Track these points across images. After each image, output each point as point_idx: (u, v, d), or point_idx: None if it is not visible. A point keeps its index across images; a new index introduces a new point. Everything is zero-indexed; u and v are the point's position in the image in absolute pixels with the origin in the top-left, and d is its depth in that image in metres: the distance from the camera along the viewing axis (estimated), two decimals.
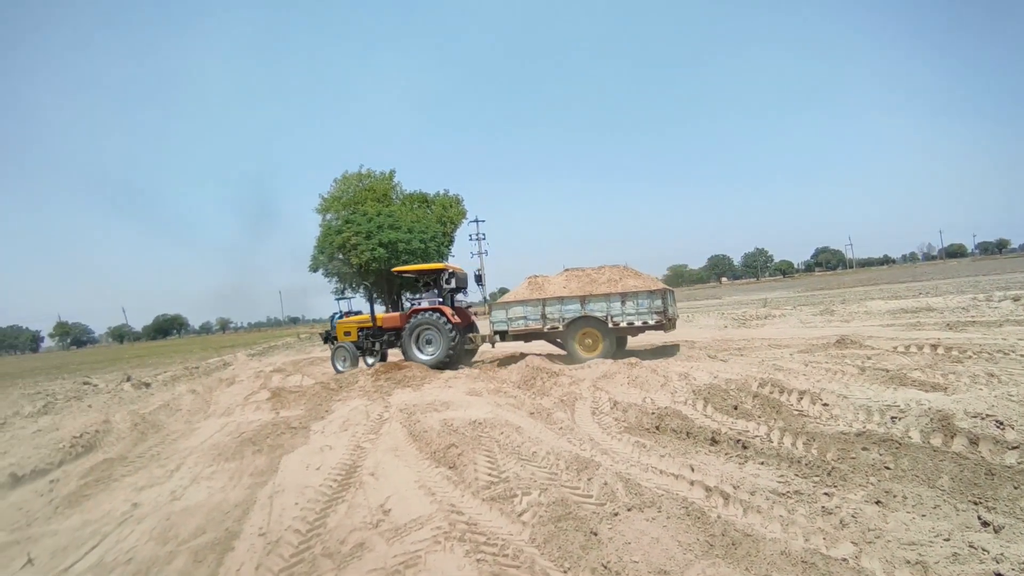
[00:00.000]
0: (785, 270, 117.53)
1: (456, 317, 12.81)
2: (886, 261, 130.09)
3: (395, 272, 14.23)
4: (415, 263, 39.92)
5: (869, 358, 8.77)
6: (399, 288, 46.59)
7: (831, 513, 3.83)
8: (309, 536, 4.07)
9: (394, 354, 14.31)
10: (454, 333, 12.42)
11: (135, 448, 7.61)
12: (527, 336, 12.53)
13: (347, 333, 14.21)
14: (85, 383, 17.87)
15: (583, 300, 11.70)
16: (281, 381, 13.45)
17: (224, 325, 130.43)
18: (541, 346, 13.31)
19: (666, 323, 11.08)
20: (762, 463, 4.90)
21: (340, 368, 13.58)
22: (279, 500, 4.90)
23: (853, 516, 3.74)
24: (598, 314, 11.53)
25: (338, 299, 17.92)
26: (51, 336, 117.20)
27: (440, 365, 12.33)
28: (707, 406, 6.69)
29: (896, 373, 7.42)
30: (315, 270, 44.07)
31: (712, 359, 9.98)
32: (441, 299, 13.43)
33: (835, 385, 7.05)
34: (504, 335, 12.73)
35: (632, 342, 14.08)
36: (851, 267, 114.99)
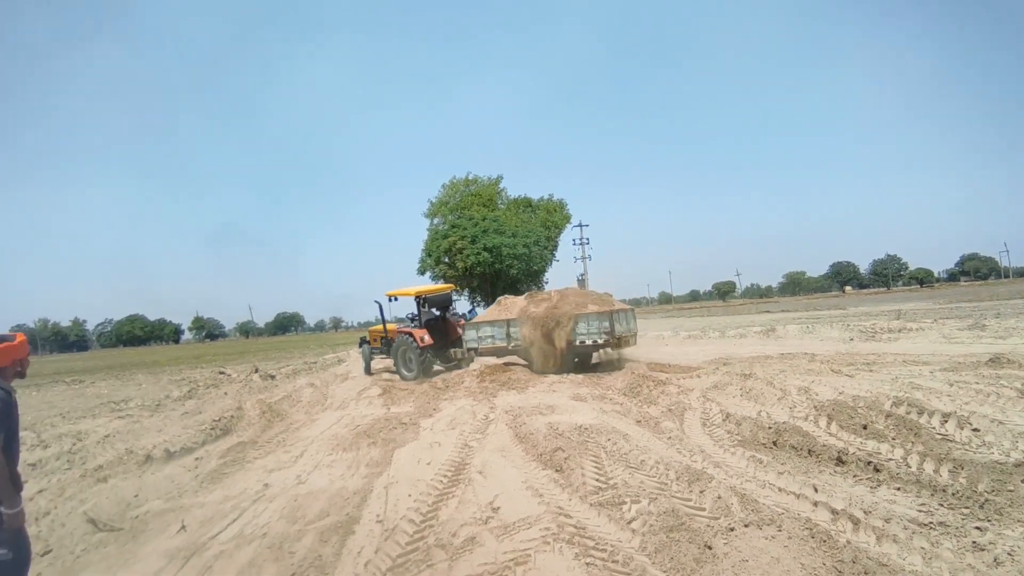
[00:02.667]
0: (923, 279, 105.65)
1: (428, 338, 14.00)
2: None
3: (387, 295, 15.51)
4: (519, 267, 40.45)
5: None
6: (502, 291, 47.46)
7: (983, 549, 3.42)
8: (423, 527, 4.24)
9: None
10: (422, 354, 13.76)
11: (264, 434, 8.31)
12: (496, 353, 13.48)
13: (374, 339, 15.71)
14: (220, 373, 19.77)
15: (540, 322, 12.23)
16: (391, 378, 14.14)
17: (337, 324, 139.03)
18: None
19: (613, 341, 11.66)
20: (898, 489, 4.48)
21: (366, 369, 15.71)
22: (394, 491, 5.15)
23: (1010, 554, 3.33)
24: (559, 331, 11.97)
25: None
26: (189, 329, 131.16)
27: (424, 378, 13.50)
28: (831, 423, 6.21)
29: None
30: (422, 273, 45.77)
31: (836, 373, 9.24)
32: (417, 322, 14.91)
33: (988, 408, 6.29)
34: (476, 352, 13.78)
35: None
36: (1007, 276, 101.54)
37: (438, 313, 15.67)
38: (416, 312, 15.18)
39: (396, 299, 15.64)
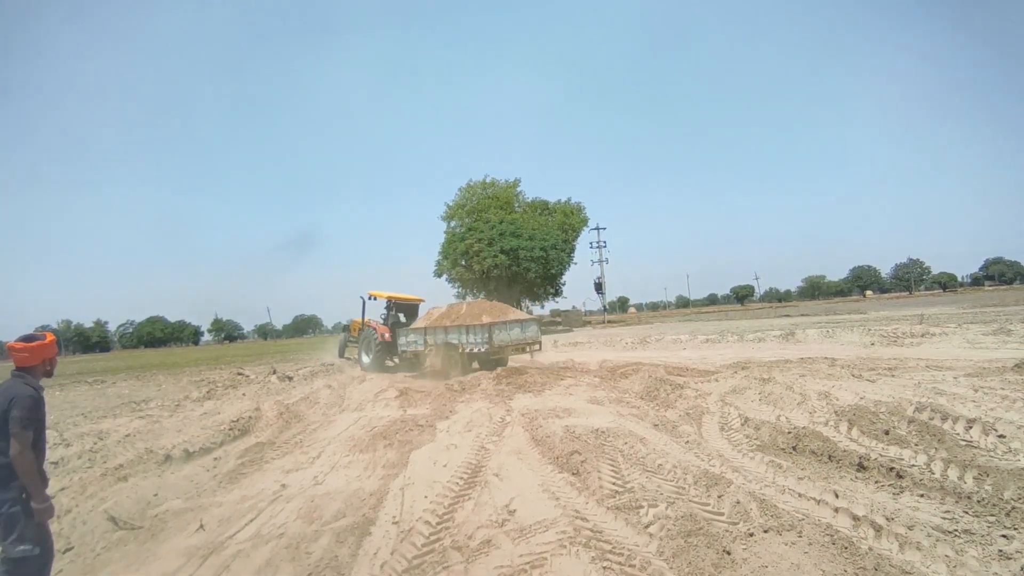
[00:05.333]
0: (945, 283, 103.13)
1: (388, 336, 17.03)
2: None
3: (368, 295, 18.31)
4: (536, 270, 40.49)
5: None
6: (519, 294, 47.51)
7: (1010, 558, 3.35)
8: (439, 528, 4.23)
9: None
10: (380, 347, 16.93)
11: (281, 435, 8.36)
12: (417, 356, 15.80)
13: (354, 330, 18.89)
14: (239, 374, 19.97)
15: (446, 330, 14.61)
16: (407, 380, 14.21)
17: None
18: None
19: (494, 349, 13.54)
20: (922, 495, 4.39)
21: (340, 352, 19.85)
22: (410, 492, 5.16)
23: None
24: (454, 341, 14.31)
25: None
26: (209, 331, 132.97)
27: (375, 368, 16.78)
28: (852, 429, 6.12)
29: None
30: (439, 275, 45.96)
31: (857, 378, 9.10)
32: (385, 321, 17.78)
33: (1014, 415, 6.14)
34: (406, 354, 16.30)
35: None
36: None
37: (404, 318, 18.10)
38: (386, 313, 17.99)
39: (374, 299, 18.27)
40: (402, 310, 18.20)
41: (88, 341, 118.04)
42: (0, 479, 2.98)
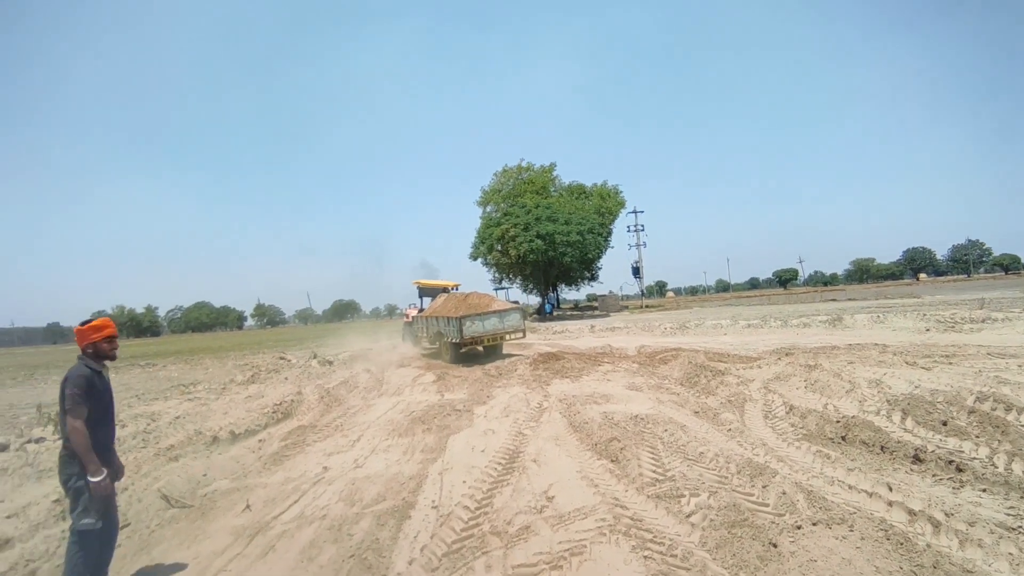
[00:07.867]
0: (1008, 265, 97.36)
1: (412, 317, 20.07)
2: None
3: (414, 284, 20.83)
4: (572, 254, 40.18)
5: None
6: (555, 279, 47.33)
7: None
8: (477, 514, 4.23)
9: None
10: (406, 327, 21.03)
11: (322, 418, 8.53)
12: (420, 341, 18.77)
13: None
14: (281, 358, 20.48)
15: (436, 320, 15.91)
16: (446, 365, 14.31)
17: (392, 311, 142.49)
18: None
19: (466, 340, 13.92)
20: (984, 490, 4.16)
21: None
22: (448, 477, 5.18)
23: None
24: (441, 330, 15.47)
25: (496, 289, 20.36)
26: (252, 316, 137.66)
27: (409, 343, 20.25)
28: (906, 419, 5.85)
29: None
30: (475, 259, 46.14)
31: (911, 366, 8.72)
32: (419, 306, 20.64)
33: None
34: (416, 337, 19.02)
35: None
36: None
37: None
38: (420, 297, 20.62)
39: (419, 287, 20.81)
40: (427, 294, 20.34)
41: (140, 326, 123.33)
42: (69, 453, 3.13)
